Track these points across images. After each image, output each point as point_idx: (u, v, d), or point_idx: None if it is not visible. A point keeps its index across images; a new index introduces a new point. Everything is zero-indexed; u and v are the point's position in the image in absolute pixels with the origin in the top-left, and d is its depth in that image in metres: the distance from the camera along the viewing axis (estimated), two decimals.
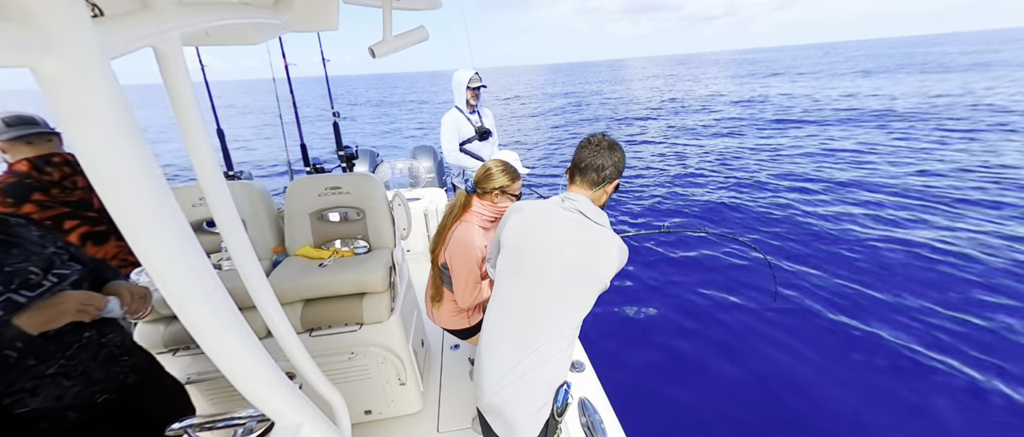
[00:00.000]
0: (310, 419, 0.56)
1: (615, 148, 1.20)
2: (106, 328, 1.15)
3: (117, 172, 0.33)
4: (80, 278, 1.10)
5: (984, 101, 12.34)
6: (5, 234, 1.03)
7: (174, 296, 0.40)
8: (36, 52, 0.28)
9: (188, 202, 1.84)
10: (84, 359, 1.07)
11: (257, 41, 0.84)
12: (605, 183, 1.20)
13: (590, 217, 1.16)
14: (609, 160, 1.18)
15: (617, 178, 1.22)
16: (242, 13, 0.64)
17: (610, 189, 1.23)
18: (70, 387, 1.04)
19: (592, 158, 1.18)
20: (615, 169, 1.19)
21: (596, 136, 1.22)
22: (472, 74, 3.04)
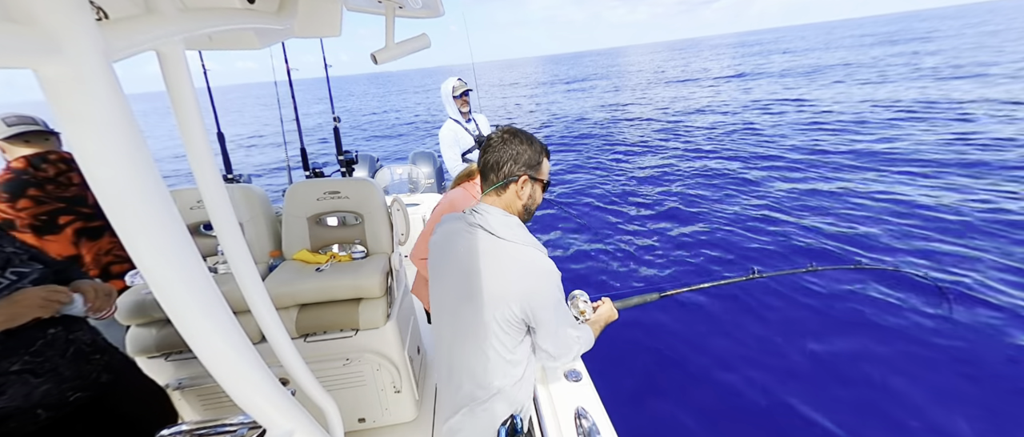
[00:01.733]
0: (302, 427, 0.56)
1: (515, 138, 1.00)
2: (73, 325, 1.13)
3: (115, 173, 0.33)
4: (41, 277, 1.09)
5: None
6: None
7: (168, 299, 0.39)
8: (39, 54, 0.28)
9: (186, 204, 1.83)
10: (51, 356, 1.05)
11: (260, 46, 0.85)
12: (509, 182, 0.99)
13: (493, 231, 0.96)
14: (506, 154, 0.98)
15: (527, 172, 1.00)
16: (246, 18, 0.65)
17: (524, 190, 1.01)
18: (39, 385, 1.02)
19: (488, 156, 1.01)
20: (518, 163, 0.99)
21: (497, 130, 1.03)
22: (455, 81, 3.05)
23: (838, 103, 11.12)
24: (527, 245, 0.96)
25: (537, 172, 1.03)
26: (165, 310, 0.40)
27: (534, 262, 0.95)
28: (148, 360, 1.61)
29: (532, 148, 1.02)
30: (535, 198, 1.05)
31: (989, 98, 9.57)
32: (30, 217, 1.66)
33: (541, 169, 1.04)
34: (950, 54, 17.97)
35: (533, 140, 1.03)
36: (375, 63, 1.09)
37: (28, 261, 1.11)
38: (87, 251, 1.80)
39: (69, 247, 1.75)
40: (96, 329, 1.23)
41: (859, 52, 25.24)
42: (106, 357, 1.20)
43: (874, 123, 8.73)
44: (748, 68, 23.89)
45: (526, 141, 1.02)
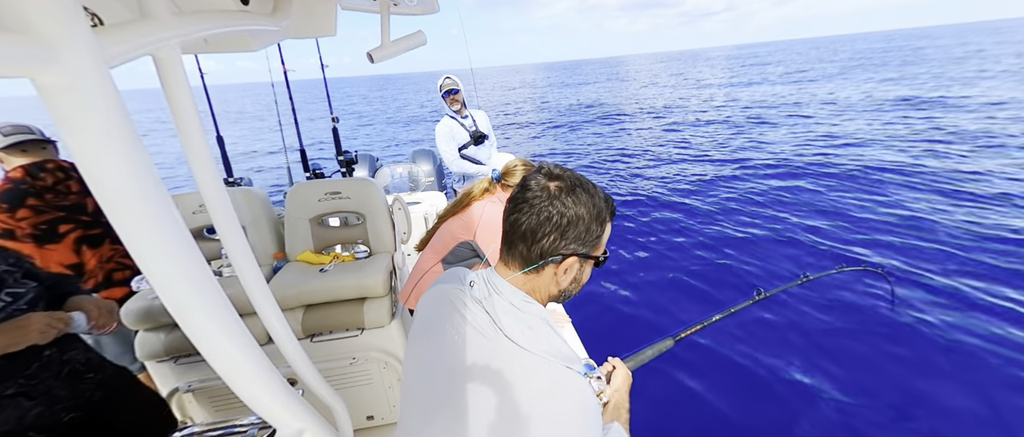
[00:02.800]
0: (311, 426, 0.56)
1: (569, 192, 0.65)
2: (67, 346, 1.13)
3: (117, 181, 0.33)
4: (36, 296, 1.08)
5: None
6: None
7: (174, 303, 0.40)
8: (36, 63, 0.28)
9: (188, 209, 1.84)
10: (45, 378, 1.05)
11: (256, 48, 0.85)
12: (549, 262, 0.66)
13: (504, 328, 0.64)
14: (552, 219, 0.64)
15: (579, 251, 0.66)
16: (241, 21, 0.65)
17: (569, 274, 0.68)
18: (32, 408, 1.01)
19: (520, 216, 0.66)
20: (567, 236, 0.65)
21: (542, 171, 0.68)
22: (444, 79, 3.07)
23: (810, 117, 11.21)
24: (553, 358, 0.62)
25: (594, 248, 0.69)
26: (172, 314, 0.40)
27: (565, 390, 0.60)
28: (157, 364, 1.63)
29: (592, 209, 0.66)
30: (581, 281, 0.72)
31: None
32: (30, 227, 1.67)
33: (600, 243, 0.70)
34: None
35: (595, 194, 0.67)
36: (371, 62, 1.09)
37: (22, 280, 1.10)
38: (89, 259, 1.81)
39: (70, 255, 1.76)
40: (90, 347, 1.23)
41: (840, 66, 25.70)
42: (99, 375, 1.20)
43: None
44: (741, 79, 23.87)
45: (585, 198, 0.66)
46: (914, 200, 5.12)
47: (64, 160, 1.82)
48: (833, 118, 10.46)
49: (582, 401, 0.61)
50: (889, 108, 10.89)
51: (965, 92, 12.00)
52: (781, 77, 22.41)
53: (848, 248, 4.19)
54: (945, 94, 11.85)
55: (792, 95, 15.42)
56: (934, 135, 7.89)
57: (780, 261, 4.14)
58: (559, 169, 0.69)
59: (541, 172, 0.69)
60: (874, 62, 25.97)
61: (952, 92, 12.19)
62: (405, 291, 1.79)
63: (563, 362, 0.62)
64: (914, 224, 4.53)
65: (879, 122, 9.39)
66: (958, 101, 10.75)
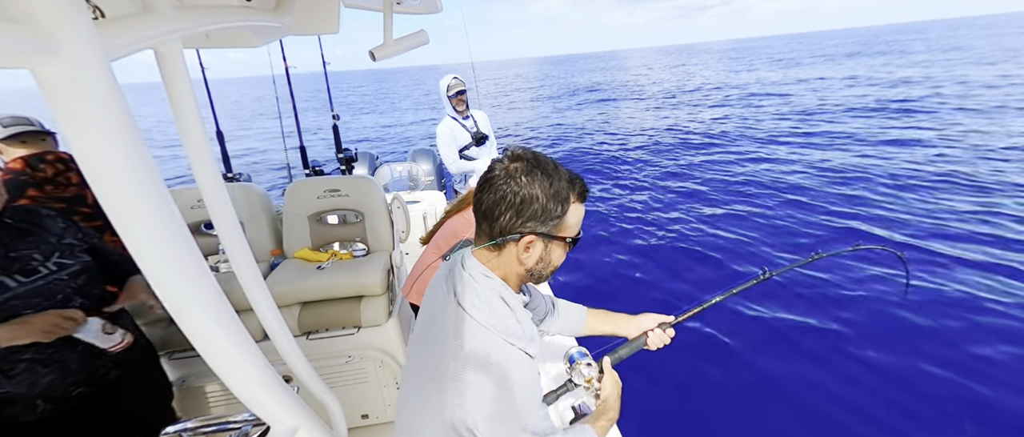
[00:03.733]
0: (306, 423, 0.56)
1: (527, 172, 0.66)
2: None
3: (115, 173, 0.33)
4: (81, 269, 1.15)
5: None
6: (27, 222, 1.11)
7: (170, 298, 0.39)
8: (37, 54, 0.28)
9: (186, 204, 1.83)
10: (62, 349, 1.08)
11: (258, 44, 0.85)
12: (506, 239, 0.67)
13: (464, 304, 0.68)
14: (506, 197, 0.65)
15: (537, 229, 0.67)
16: (243, 16, 0.64)
17: (531, 253, 0.68)
18: (45, 375, 1.05)
19: (482, 195, 0.68)
20: (523, 214, 0.66)
21: (508, 152, 0.70)
22: (451, 79, 3.05)
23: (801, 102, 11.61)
24: (493, 329, 0.66)
25: (555, 228, 0.68)
26: (168, 309, 0.40)
27: (494, 357, 0.64)
28: None
29: (549, 189, 0.66)
30: (550, 261, 0.71)
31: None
32: None
33: (564, 223, 0.69)
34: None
35: (555, 175, 0.67)
36: (373, 60, 1.09)
37: (79, 253, 1.16)
38: None
39: None
40: (121, 324, 1.22)
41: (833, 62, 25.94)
42: (120, 354, 1.21)
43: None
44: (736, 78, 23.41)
45: (542, 178, 0.66)
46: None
47: (64, 152, 1.81)
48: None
49: (511, 372, 0.65)
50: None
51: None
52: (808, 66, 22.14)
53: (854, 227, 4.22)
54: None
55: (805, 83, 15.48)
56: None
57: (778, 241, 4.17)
58: (523, 150, 0.70)
59: (506, 154, 0.71)
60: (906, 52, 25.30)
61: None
62: (407, 285, 1.79)
63: (501, 334, 0.67)
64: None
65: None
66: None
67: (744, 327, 3.04)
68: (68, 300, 1.10)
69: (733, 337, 2.94)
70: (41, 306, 1.04)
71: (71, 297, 1.11)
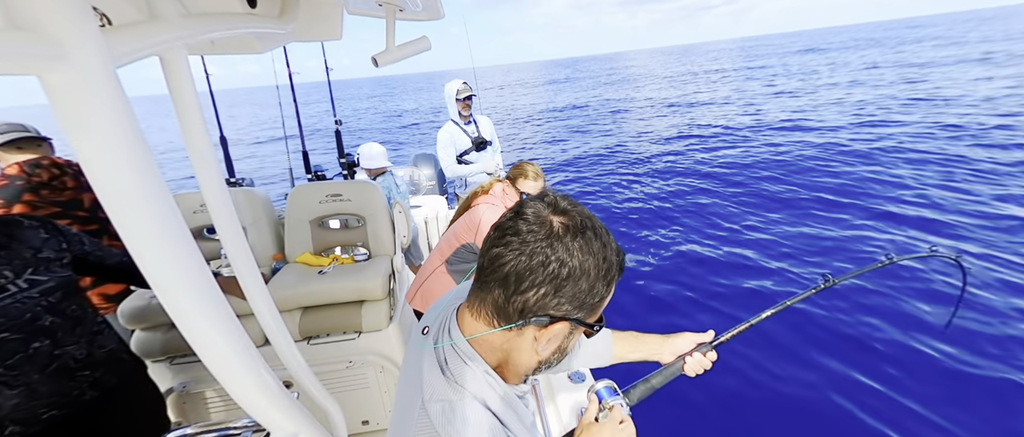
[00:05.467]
0: (306, 429, 0.56)
1: (582, 234, 0.49)
2: (65, 339, 1.10)
3: (120, 179, 0.34)
4: (55, 286, 1.08)
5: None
6: (4, 235, 1.05)
7: (171, 303, 0.39)
8: (44, 61, 0.28)
9: (189, 209, 1.84)
10: (28, 370, 1.02)
11: (262, 50, 0.86)
12: (525, 321, 0.50)
13: (429, 411, 0.51)
14: (556, 263, 0.48)
15: (575, 317, 0.51)
16: (247, 23, 0.65)
17: (551, 343, 0.53)
18: (10, 398, 1.00)
19: (507, 249, 0.49)
20: (561, 293, 0.49)
21: (545, 199, 0.53)
22: (460, 84, 3.06)
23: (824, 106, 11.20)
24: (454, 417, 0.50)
25: (591, 313, 0.53)
26: (169, 314, 0.40)
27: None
28: (153, 364, 1.62)
29: (602, 263, 0.50)
30: (566, 349, 0.57)
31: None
32: None
33: (600, 307, 0.54)
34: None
35: (608, 244, 0.52)
36: (376, 66, 1.10)
37: (54, 267, 1.10)
38: None
39: None
40: (99, 342, 1.19)
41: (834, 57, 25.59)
42: (97, 373, 1.15)
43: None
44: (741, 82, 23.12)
45: (597, 247, 0.50)
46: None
47: (59, 157, 1.84)
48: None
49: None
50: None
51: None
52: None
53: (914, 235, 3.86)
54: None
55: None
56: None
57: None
58: (567, 202, 0.52)
59: (544, 200, 0.52)
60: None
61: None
62: (410, 292, 1.80)
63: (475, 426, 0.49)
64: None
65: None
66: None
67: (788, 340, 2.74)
68: (37, 319, 1.04)
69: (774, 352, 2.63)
70: (4, 326, 0.99)
71: (41, 315, 1.05)
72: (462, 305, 0.58)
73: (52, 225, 1.16)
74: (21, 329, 1.01)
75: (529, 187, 1.72)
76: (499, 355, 0.55)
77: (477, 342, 0.54)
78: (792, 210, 4.87)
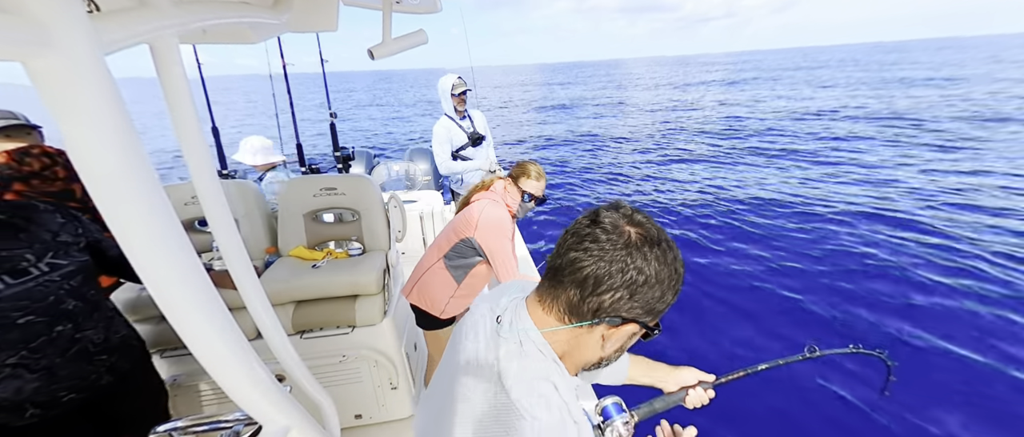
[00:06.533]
0: (298, 423, 0.55)
1: (658, 245, 0.55)
2: (85, 323, 1.11)
3: (108, 168, 0.33)
4: (76, 270, 1.10)
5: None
6: (22, 218, 1.06)
7: (162, 296, 0.39)
8: (30, 46, 0.28)
9: (180, 200, 1.82)
10: (50, 353, 1.04)
11: (256, 41, 0.84)
12: (598, 320, 0.56)
13: (511, 391, 0.55)
14: (635, 270, 0.53)
15: (644, 320, 0.57)
16: (241, 12, 0.64)
17: (615, 342, 0.59)
18: (31, 381, 1.01)
19: (586, 255, 0.54)
20: (636, 297, 0.54)
21: (620, 210, 0.58)
22: (455, 79, 3.04)
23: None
24: (528, 413, 0.54)
25: (655, 318, 0.58)
26: (159, 306, 0.39)
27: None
28: None
29: (673, 273, 0.56)
30: (623, 349, 0.62)
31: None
32: None
33: (662, 313, 0.59)
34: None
35: (678, 256, 0.57)
36: (372, 59, 1.09)
37: (73, 252, 1.11)
38: None
39: None
40: (114, 327, 1.20)
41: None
42: (113, 358, 1.17)
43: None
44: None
45: (670, 258, 0.55)
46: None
47: (50, 146, 1.80)
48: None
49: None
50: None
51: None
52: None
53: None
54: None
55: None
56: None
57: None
58: (642, 215, 0.57)
59: (618, 210, 0.57)
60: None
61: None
62: (407, 286, 1.79)
63: (547, 417, 0.54)
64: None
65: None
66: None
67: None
68: (60, 302, 1.06)
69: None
70: (29, 309, 1.00)
71: (63, 299, 1.07)
72: (530, 298, 0.63)
73: (67, 210, 1.16)
74: (46, 312, 1.02)
75: (532, 186, 1.72)
76: (563, 347, 0.60)
77: (546, 334, 0.59)
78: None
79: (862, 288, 3.81)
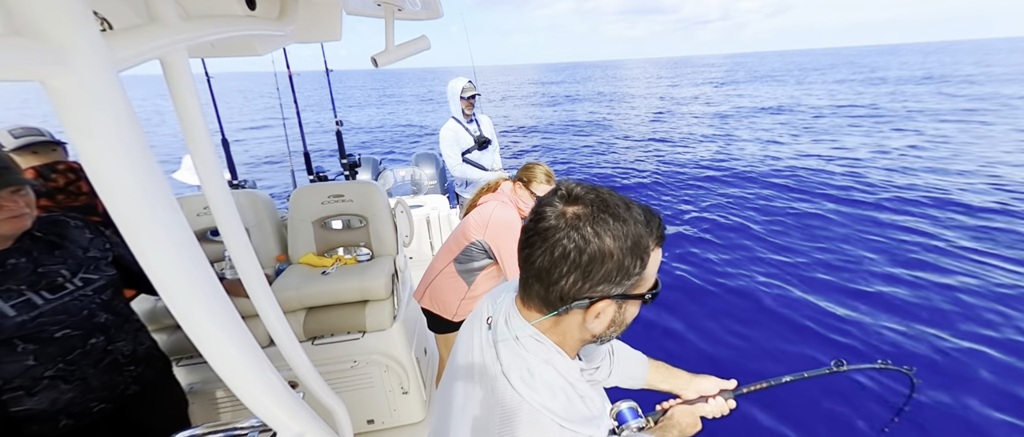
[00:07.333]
0: (312, 429, 0.56)
1: (594, 218, 0.52)
2: (116, 335, 1.15)
3: (123, 182, 0.34)
4: (106, 284, 1.14)
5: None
6: (55, 235, 1.10)
7: (177, 305, 0.40)
8: (47, 66, 0.29)
9: (193, 211, 1.85)
10: (84, 365, 1.07)
11: (262, 52, 0.86)
12: (570, 307, 0.55)
13: (511, 379, 0.57)
14: (575, 251, 0.52)
15: (612, 293, 0.55)
16: (247, 25, 0.65)
17: (603, 318, 0.57)
18: (66, 391, 1.04)
19: (533, 248, 0.55)
20: (592, 277, 0.53)
21: (559, 193, 0.57)
22: (465, 83, 3.05)
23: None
24: (545, 412, 0.55)
25: (636, 285, 0.56)
26: (175, 316, 0.40)
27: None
28: None
29: (626, 240, 0.52)
30: (623, 322, 0.61)
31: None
32: None
33: (644, 278, 0.56)
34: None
35: (629, 219, 0.53)
36: (376, 66, 1.10)
37: (103, 266, 1.15)
38: None
39: None
40: (140, 338, 1.23)
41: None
42: (139, 369, 1.20)
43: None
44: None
45: (615, 225, 0.52)
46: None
47: (74, 161, 1.84)
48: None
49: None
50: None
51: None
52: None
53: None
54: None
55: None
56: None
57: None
58: (582, 188, 0.56)
59: (557, 194, 0.56)
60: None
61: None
62: (419, 290, 1.80)
63: (560, 419, 0.54)
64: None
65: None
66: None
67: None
68: (93, 316, 1.09)
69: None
70: (66, 323, 1.04)
71: (96, 313, 1.10)
72: (517, 296, 0.65)
73: (93, 225, 1.20)
74: (80, 326, 1.06)
75: (542, 191, 1.71)
76: (556, 336, 0.61)
77: (536, 326, 0.61)
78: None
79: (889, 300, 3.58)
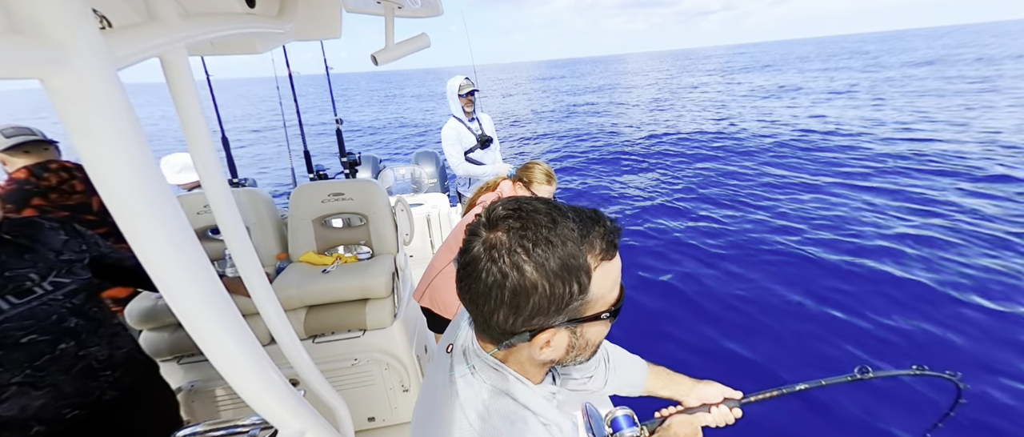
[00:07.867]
0: (313, 426, 0.56)
1: (516, 249, 0.47)
2: (89, 340, 1.11)
3: (124, 181, 0.34)
4: (78, 288, 1.10)
5: None
6: (26, 238, 1.06)
7: (178, 304, 0.40)
8: (47, 64, 0.29)
9: (193, 209, 1.85)
10: (53, 371, 1.03)
11: (261, 50, 0.86)
12: (512, 341, 0.52)
13: (470, 417, 0.54)
14: (496, 286, 0.48)
15: (552, 323, 0.50)
16: (247, 23, 0.65)
17: (555, 346, 0.53)
18: (37, 398, 1.01)
19: (463, 282, 0.52)
20: (522, 313, 0.48)
21: (482, 218, 0.52)
22: (462, 80, 3.04)
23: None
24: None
25: (579, 309, 0.50)
26: (176, 314, 0.40)
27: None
28: (161, 363, 1.64)
29: (553, 266, 0.46)
30: (587, 344, 0.55)
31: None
32: None
33: (591, 299, 0.50)
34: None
35: (555, 240, 0.47)
36: (375, 64, 1.09)
37: (77, 269, 1.11)
38: None
39: None
40: (117, 343, 1.20)
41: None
42: (116, 374, 1.17)
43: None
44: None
45: (537, 252, 0.46)
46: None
47: (67, 160, 1.84)
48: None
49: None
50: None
51: None
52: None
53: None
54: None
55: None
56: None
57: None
58: (504, 209, 0.49)
59: (481, 220, 0.51)
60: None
61: None
62: (419, 290, 1.80)
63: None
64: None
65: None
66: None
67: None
68: (62, 320, 1.06)
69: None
70: (33, 328, 1.01)
71: (66, 318, 1.07)
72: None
73: (71, 227, 1.17)
74: (48, 331, 1.03)
75: (542, 191, 1.68)
76: (515, 365, 0.58)
77: (494, 356, 0.58)
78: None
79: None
